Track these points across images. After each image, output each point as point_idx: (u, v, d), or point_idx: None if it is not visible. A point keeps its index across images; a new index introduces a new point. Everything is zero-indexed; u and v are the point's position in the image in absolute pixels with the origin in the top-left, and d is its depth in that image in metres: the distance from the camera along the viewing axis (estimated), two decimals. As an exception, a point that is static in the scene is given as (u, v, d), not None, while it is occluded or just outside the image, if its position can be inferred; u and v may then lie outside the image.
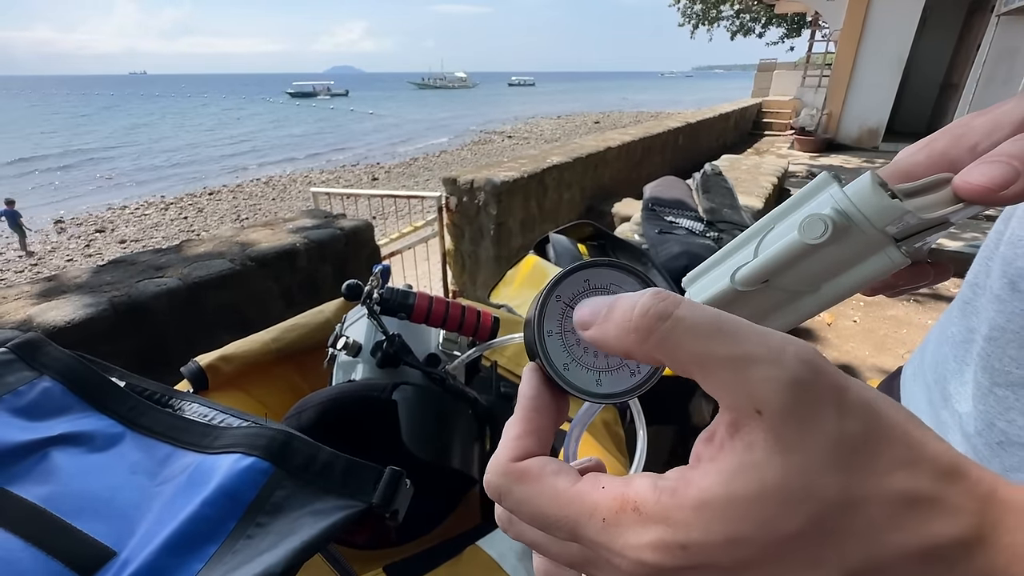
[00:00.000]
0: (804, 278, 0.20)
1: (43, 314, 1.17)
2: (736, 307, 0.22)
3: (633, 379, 0.21)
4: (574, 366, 0.21)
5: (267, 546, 0.27)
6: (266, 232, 1.74)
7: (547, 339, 0.22)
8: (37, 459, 0.32)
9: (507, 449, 0.19)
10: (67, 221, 10.73)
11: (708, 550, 0.14)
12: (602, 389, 0.21)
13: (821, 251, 0.19)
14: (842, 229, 0.18)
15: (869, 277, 0.19)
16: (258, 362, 0.59)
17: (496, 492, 0.18)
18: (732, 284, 0.21)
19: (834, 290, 0.20)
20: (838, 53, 7.02)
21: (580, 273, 0.22)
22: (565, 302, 0.22)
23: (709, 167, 2.25)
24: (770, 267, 0.20)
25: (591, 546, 0.16)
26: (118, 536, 0.29)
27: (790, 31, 17.15)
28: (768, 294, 0.21)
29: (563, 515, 0.16)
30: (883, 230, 0.18)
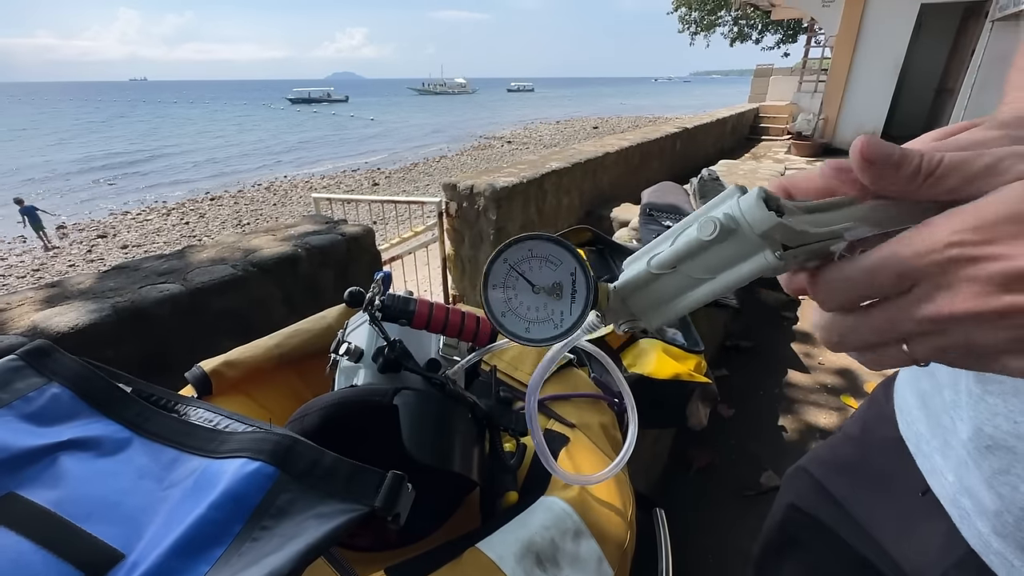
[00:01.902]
0: (704, 267, 0.24)
1: (47, 320, 1.18)
2: (653, 287, 0.26)
3: (555, 330, 0.28)
4: (510, 315, 0.29)
5: (272, 548, 0.28)
6: (268, 238, 1.75)
7: (491, 291, 0.29)
8: (46, 464, 0.33)
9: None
10: (69, 227, 10.75)
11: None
12: (529, 335, 0.29)
13: (715, 247, 0.23)
14: (728, 231, 0.22)
15: (753, 272, 0.23)
16: (261, 367, 0.60)
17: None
18: (648, 268, 0.26)
19: (727, 279, 0.24)
20: (834, 58, 7.07)
21: (526, 243, 0.29)
22: (511, 264, 0.29)
23: (706, 172, 2.26)
24: (677, 256, 0.25)
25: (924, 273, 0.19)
26: (126, 539, 0.29)
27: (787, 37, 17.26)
28: (678, 278, 0.25)
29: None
30: (761, 235, 0.22)
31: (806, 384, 1.97)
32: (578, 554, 0.45)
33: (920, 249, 0.19)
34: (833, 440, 0.58)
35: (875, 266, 0.20)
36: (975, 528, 0.37)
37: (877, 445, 0.49)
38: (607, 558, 0.46)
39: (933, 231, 0.19)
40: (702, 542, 1.28)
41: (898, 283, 0.19)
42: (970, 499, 0.37)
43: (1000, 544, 0.35)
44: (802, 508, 0.56)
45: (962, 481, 0.38)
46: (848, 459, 0.53)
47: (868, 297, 0.21)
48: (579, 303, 0.28)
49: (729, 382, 1.94)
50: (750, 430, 1.67)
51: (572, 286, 0.28)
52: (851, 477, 0.52)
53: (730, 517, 1.36)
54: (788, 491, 0.60)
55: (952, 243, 0.18)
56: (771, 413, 1.76)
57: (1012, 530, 0.34)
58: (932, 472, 0.42)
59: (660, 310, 0.27)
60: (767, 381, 1.97)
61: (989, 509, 0.35)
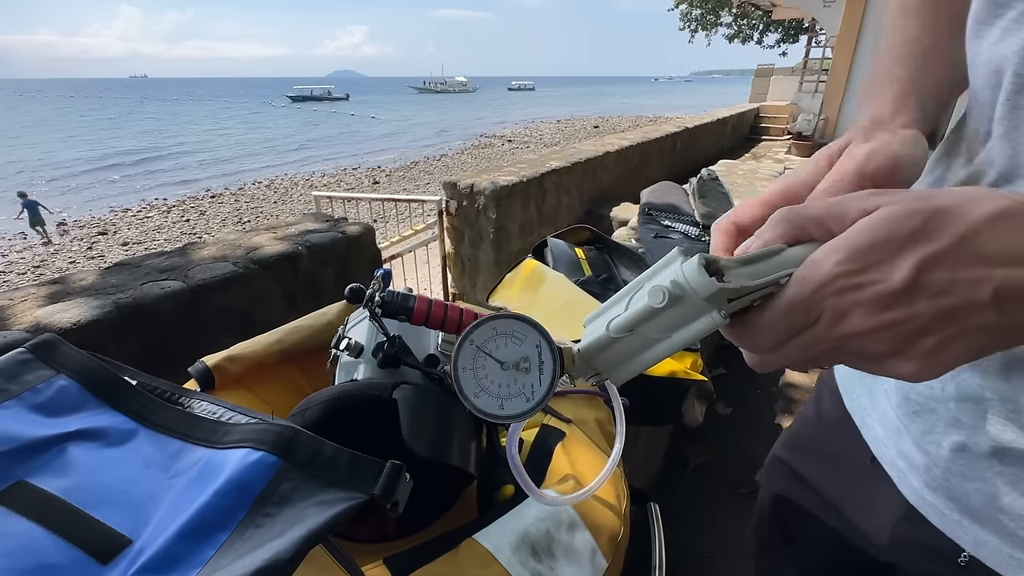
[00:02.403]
0: (658, 329, 0.26)
1: (50, 316, 1.19)
2: (614, 348, 0.28)
3: (528, 404, 0.30)
4: (483, 395, 0.30)
5: (275, 534, 0.29)
6: (269, 236, 1.76)
7: (461, 373, 0.30)
8: (55, 453, 0.34)
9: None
10: (70, 223, 10.76)
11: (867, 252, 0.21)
12: (504, 412, 0.30)
13: (666, 311, 0.26)
14: (676, 297, 0.25)
15: (703, 330, 0.25)
16: (263, 363, 0.61)
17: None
18: (607, 332, 0.28)
19: (681, 337, 0.26)
20: (834, 59, 7.07)
21: (489, 323, 0.30)
22: (477, 345, 0.30)
23: (706, 172, 2.27)
24: (632, 321, 0.27)
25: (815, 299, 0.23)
26: (133, 525, 0.31)
27: (787, 37, 17.24)
28: (636, 339, 0.27)
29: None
30: (706, 299, 0.24)
31: (803, 383, 1.98)
32: (572, 545, 0.46)
33: (816, 286, 0.22)
34: (796, 424, 0.62)
35: (788, 309, 0.24)
36: (911, 485, 0.41)
37: (830, 423, 0.53)
38: (601, 549, 0.47)
39: (820, 265, 0.22)
40: (697, 539, 1.30)
41: (806, 318, 0.23)
42: (904, 460, 0.41)
43: (932, 496, 0.39)
44: (785, 497, 0.60)
45: (897, 446, 0.42)
46: (810, 441, 0.58)
47: (788, 337, 0.24)
48: (547, 374, 0.29)
49: (726, 381, 1.95)
50: (747, 428, 1.68)
51: (539, 358, 0.30)
52: (815, 458, 0.56)
53: (726, 514, 1.37)
54: (770, 481, 0.63)
55: (837, 274, 0.22)
56: (768, 411, 1.77)
57: (940, 482, 0.38)
58: (875, 442, 0.46)
59: (623, 367, 0.29)
60: (764, 380, 1.98)
61: (920, 466, 0.39)
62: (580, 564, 0.45)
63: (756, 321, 0.25)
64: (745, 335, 0.26)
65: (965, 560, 0.37)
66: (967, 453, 0.35)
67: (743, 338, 0.26)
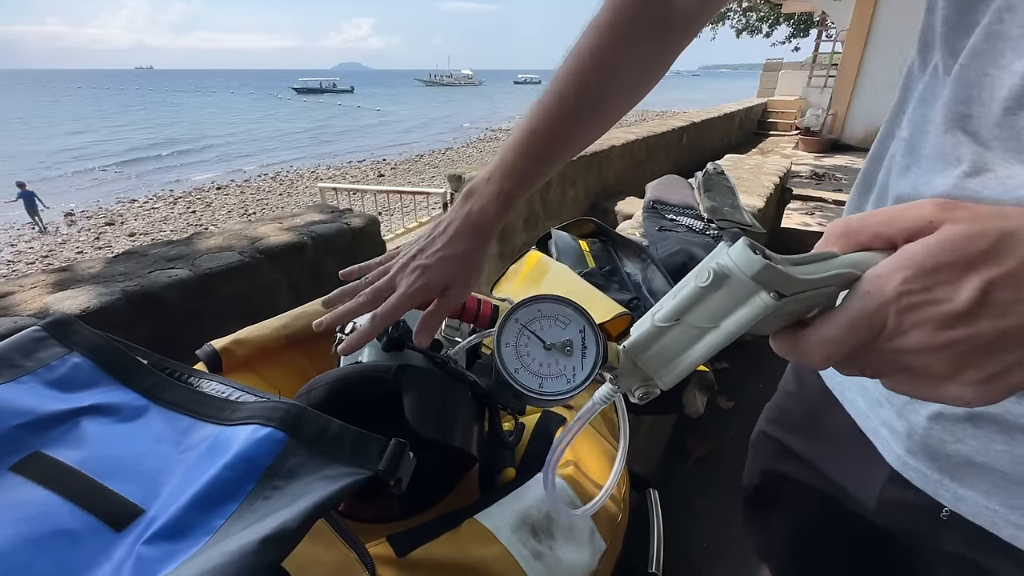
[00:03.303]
0: (705, 316, 0.25)
1: (59, 303, 1.21)
2: (661, 343, 0.27)
3: (568, 384, 0.30)
4: (523, 371, 0.30)
5: (282, 505, 0.30)
6: (275, 226, 1.77)
7: (504, 349, 0.30)
8: (69, 426, 0.35)
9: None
10: (77, 214, 10.83)
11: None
12: (543, 389, 0.29)
13: (712, 294, 0.25)
14: (721, 276, 0.24)
15: (753, 315, 0.24)
16: (269, 347, 0.62)
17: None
18: (653, 323, 0.27)
19: (729, 326, 0.25)
20: (844, 53, 6.99)
21: (534, 304, 0.31)
22: (522, 324, 0.30)
23: (711, 166, 2.26)
24: (679, 307, 0.26)
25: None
26: (145, 496, 0.32)
27: (797, 31, 17.02)
28: (682, 330, 0.26)
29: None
30: (753, 278, 0.23)
31: (806, 378, 1.97)
32: (572, 527, 0.47)
33: (883, 300, 0.23)
34: (778, 398, 0.64)
35: (853, 322, 0.23)
36: (894, 452, 0.44)
37: (813, 396, 0.55)
38: (600, 531, 0.48)
39: (887, 282, 0.23)
40: (697, 529, 1.31)
41: (871, 333, 0.23)
42: (887, 429, 0.44)
43: (914, 461, 0.42)
44: (773, 469, 0.63)
45: (879, 416, 0.45)
46: (795, 415, 0.60)
47: (848, 351, 0.24)
48: (589, 359, 0.29)
49: (729, 374, 1.96)
50: (749, 422, 1.67)
51: (582, 343, 0.30)
52: (801, 431, 0.58)
53: (727, 506, 1.37)
54: (757, 456, 0.67)
55: (903, 292, 0.22)
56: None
57: (920, 447, 0.41)
58: (858, 414, 0.48)
59: (670, 366, 0.28)
60: (767, 374, 1.97)
61: (902, 433, 0.42)
62: (579, 545, 0.46)
63: (814, 333, 0.25)
64: (799, 348, 0.26)
65: (947, 515, 0.41)
66: (944, 419, 0.39)
67: (797, 350, 0.26)
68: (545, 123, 0.50)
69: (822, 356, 0.25)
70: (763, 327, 0.26)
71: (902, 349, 0.23)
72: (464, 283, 0.49)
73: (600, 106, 0.51)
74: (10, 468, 0.32)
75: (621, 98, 0.52)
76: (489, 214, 0.50)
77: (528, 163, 0.50)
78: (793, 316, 0.26)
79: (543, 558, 0.44)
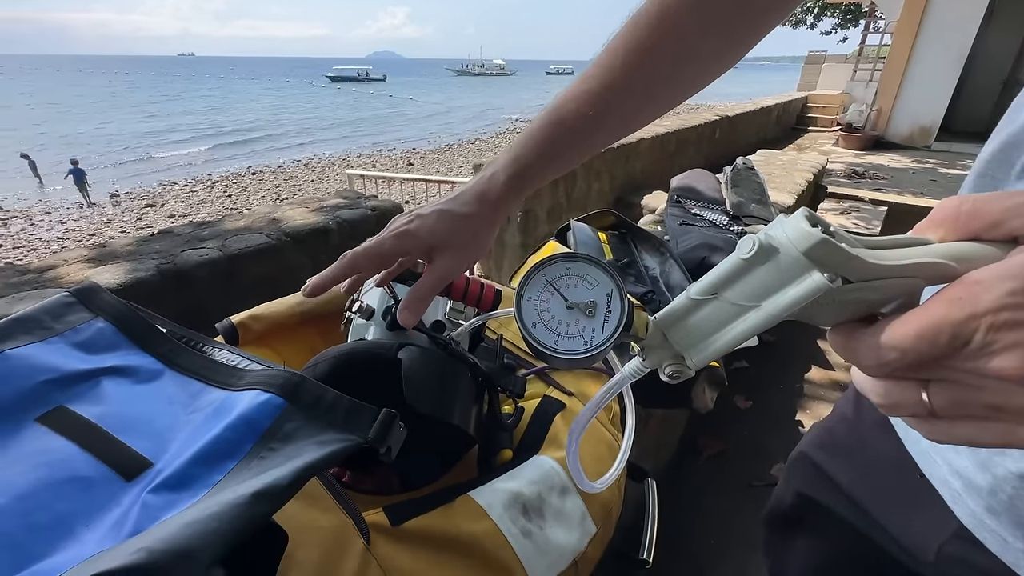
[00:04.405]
0: (746, 293, 0.23)
1: (97, 276, 1.28)
2: (695, 318, 0.25)
3: (584, 346, 0.28)
4: (540, 327, 0.29)
5: (276, 465, 0.31)
6: (301, 210, 1.82)
7: (524, 303, 0.29)
8: (91, 385, 0.38)
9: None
10: (122, 195, 11.32)
11: None
12: (559, 347, 0.28)
13: (756, 269, 0.22)
14: (768, 249, 0.21)
15: (800, 297, 0.21)
16: (284, 323, 0.64)
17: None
18: (688, 296, 0.25)
19: (772, 307, 0.22)
20: (893, 46, 6.67)
21: (564, 262, 0.29)
22: (548, 279, 0.29)
23: (741, 161, 2.21)
24: (718, 280, 0.23)
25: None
26: (155, 450, 0.34)
27: (845, 21, 16.29)
28: (719, 306, 0.24)
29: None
30: (806, 254, 0.20)
31: (827, 381, 1.93)
32: (563, 508, 0.48)
33: (976, 311, 0.18)
34: (830, 422, 0.59)
35: (932, 328, 0.19)
36: (967, 507, 0.38)
37: (870, 426, 0.51)
38: (591, 515, 0.49)
39: (988, 290, 0.18)
40: (704, 526, 1.30)
41: (949, 348, 0.18)
42: (960, 480, 0.38)
43: (994, 522, 0.36)
44: (807, 494, 0.58)
45: (950, 463, 0.39)
46: (845, 442, 0.55)
47: (917, 361, 0.20)
48: (611, 323, 0.28)
49: (748, 374, 1.92)
50: (766, 423, 1.65)
51: (607, 307, 0.28)
52: (849, 460, 0.53)
53: (736, 505, 1.36)
54: (793, 477, 0.61)
55: (1006, 305, 0.17)
56: (789, 408, 1.74)
57: (1006, 507, 0.34)
58: (923, 455, 0.43)
59: (702, 345, 0.25)
60: (787, 376, 1.93)
61: (982, 488, 0.36)
62: (569, 527, 0.47)
63: (876, 333, 0.20)
64: (851, 346, 0.21)
65: None
66: None
67: (859, 351, 0.21)
68: (579, 102, 0.44)
69: (876, 360, 0.20)
70: (820, 316, 0.22)
71: (984, 372, 0.18)
72: (458, 250, 0.44)
73: (649, 91, 0.44)
74: (36, 419, 0.35)
75: (674, 87, 0.45)
76: (498, 181, 0.44)
77: (549, 133, 0.44)
78: (861, 309, 0.22)
79: (532, 536, 0.45)
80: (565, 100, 0.44)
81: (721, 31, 0.43)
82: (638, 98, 0.44)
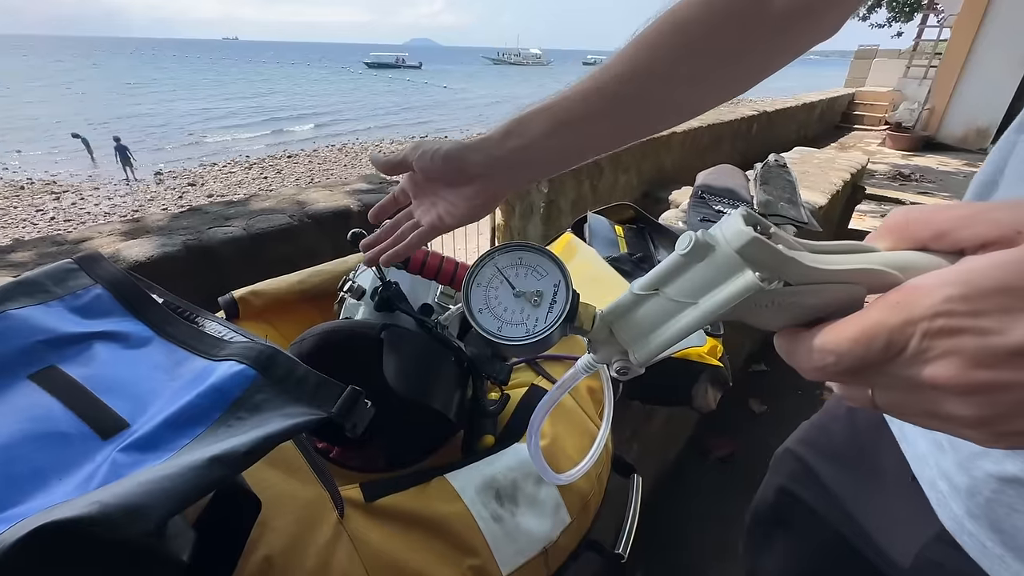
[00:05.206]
0: (685, 290, 0.23)
1: (128, 249, 1.33)
2: (638, 313, 0.26)
3: (526, 334, 0.29)
4: (486, 312, 0.29)
5: (241, 433, 0.32)
6: (325, 193, 1.86)
7: (474, 289, 0.30)
8: (83, 347, 0.40)
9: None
10: (165, 173, 11.78)
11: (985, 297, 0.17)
12: (502, 334, 0.29)
13: (694, 265, 0.22)
14: (704, 246, 0.22)
15: (733, 295, 0.21)
16: (284, 299, 0.66)
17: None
18: (631, 291, 0.26)
19: (709, 304, 0.22)
20: (951, 41, 6.29)
21: (516, 251, 0.30)
22: (499, 268, 0.30)
23: (773, 157, 2.14)
24: (658, 276, 0.24)
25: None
26: (132, 412, 0.35)
27: (900, 15, 15.43)
28: (660, 302, 0.25)
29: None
30: (739, 252, 0.20)
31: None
32: (537, 497, 0.48)
33: (911, 317, 0.18)
34: (821, 419, 0.58)
35: (867, 333, 0.19)
36: (951, 510, 0.38)
37: (864, 427, 0.50)
38: (566, 506, 0.49)
39: (924, 296, 0.18)
40: (708, 526, 1.28)
41: (885, 353, 0.19)
42: (946, 482, 0.38)
43: (973, 526, 0.36)
44: (792, 491, 0.58)
45: (939, 465, 0.39)
46: (836, 442, 0.54)
47: (854, 366, 0.20)
48: (554, 313, 0.28)
49: (766, 378, 1.87)
50: (780, 428, 1.60)
51: (552, 297, 0.29)
52: (839, 461, 0.53)
53: (740, 507, 1.32)
54: (778, 473, 0.61)
55: (940, 312, 0.18)
56: (804, 414, 1.66)
57: (984, 511, 0.35)
58: (916, 458, 0.43)
59: (644, 340, 0.26)
60: (806, 382, 1.87)
61: (962, 490, 0.36)
62: (541, 515, 0.47)
63: (814, 337, 0.21)
64: (801, 350, 0.21)
65: None
66: (1019, 484, 0.32)
67: (798, 354, 0.22)
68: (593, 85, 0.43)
69: (814, 365, 0.21)
70: (763, 319, 0.22)
71: (918, 381, 0.18)
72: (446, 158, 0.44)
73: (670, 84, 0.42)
74: (28, 376, 0.37)
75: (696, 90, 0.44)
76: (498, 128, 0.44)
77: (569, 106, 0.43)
78: (805, 314, 0.22)
79: (502, 522, 0.45)
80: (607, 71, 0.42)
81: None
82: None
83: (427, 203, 0.46)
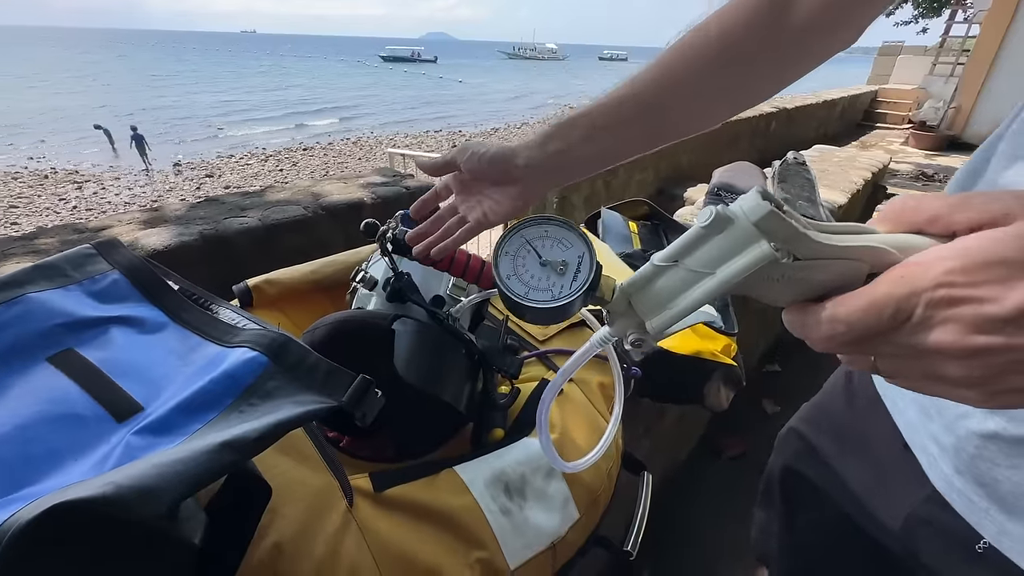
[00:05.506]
0: (703, 260, 0.25)
1: (146, 238, 1.35)
2: (657, 284, 0.27)
3: (551, 299, 0.30)
4: (514, 279, 0.31)
5: (252, 419, 0.33)
6: (339, 185, 1.87)
7: (502, 258, 0.32)
8: (100, 331, 0.40)
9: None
10: (183, 164, 11.95)
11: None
12: (528, 297, 0.30)
13: (713, 237, 0.24)
14: (723, 219, 0.23)
15: (749, 264, 0.23)
16: (297, 289, 0.66)
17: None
18: (652, 262, 0.27)
19: (725, 273, 0.24)
20: (980, 38, 6.11)
21: (543, 224, 0.32)
22: (526, 239, 0.32)
23: (791, 155, 2.09)
24: (678, 248, 0.25)
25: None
26: (147, 396, 0.36)
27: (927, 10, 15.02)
28: (679, 273, 0.26)
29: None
30: (756, 224, 0.22)
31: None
32: (545, 491, 0.47)
33: (915, 288, 0.20)
34: (820, 398, 0.61)
35: (875, 304, 0.21)
36: (940, 471, 0.40)
37: (861, 403, 0.52)
38: (575, 501, 0.49)
39: (927, 270, 0.20)
40: (719, 524, 1.27)
41: (892, 322, 0.21)
42: (936, 445, 0.41)
43: (961, 482, 0.38)
44: (797, 470, 0.60)
45: (928, 429, 0.42)
46: (833, 416, 0.57)
47: (862, 335, 0.22)
48: (579, 281, 0.30)
49: (779, 379, 1.85)
50: (795, 431, 1.59)
51: (577, 268, 0.30)
52: (838, 436, 0.55)
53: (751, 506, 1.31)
54: (782, 453, 0.63)
55: (942, 283, 0.19)
56: (821, 417, 1.65)
57: (968, 466, 0.37)
58: (908, 426, 0.45)
59: (662, 310, 0.27)
60: (820, 383, 1.84)
61: (949, 448, 0.39)
62: (550, 510, 0.47)
63: (826, 308, 0.22)
64: (812, 322, 0.23)
65: (983, 547, 0.37)
66: (999, 440, 0.35)
67: (808, 326, 0.24)
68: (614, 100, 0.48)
69: (825, 334, 0.23)
70: (772, 294, 0.24)
71: (922, 346, 0.20)
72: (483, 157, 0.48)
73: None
74: (47, 359, 0.37)
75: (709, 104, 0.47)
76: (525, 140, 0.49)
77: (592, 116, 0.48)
78: (812, 289, 0.24)
79: (511, 515, 0.45)
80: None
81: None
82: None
83: (472, 200, 0.50)
